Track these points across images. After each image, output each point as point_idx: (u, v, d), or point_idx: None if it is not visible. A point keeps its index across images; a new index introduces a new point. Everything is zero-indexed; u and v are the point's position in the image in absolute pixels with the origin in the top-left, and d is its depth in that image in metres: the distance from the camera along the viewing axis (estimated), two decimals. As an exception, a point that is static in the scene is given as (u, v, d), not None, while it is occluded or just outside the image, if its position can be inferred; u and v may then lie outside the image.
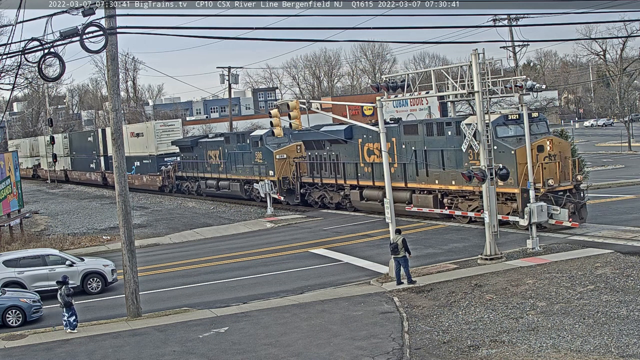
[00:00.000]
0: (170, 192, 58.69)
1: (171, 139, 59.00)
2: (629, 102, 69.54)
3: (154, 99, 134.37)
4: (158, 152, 59.56)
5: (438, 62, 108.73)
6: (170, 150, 58.73)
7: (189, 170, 55.24)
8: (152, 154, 60.30)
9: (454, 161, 31.18)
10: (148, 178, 60.72)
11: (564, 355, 15.10)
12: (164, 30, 20.26)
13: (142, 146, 61.88)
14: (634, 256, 22.92)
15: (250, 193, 47.15)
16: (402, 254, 22.42)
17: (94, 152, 73.12)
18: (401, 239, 22.54)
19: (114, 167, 22.22)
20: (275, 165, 43.29)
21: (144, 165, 62.01)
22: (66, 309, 20.35)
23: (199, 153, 53.05)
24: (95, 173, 73.52)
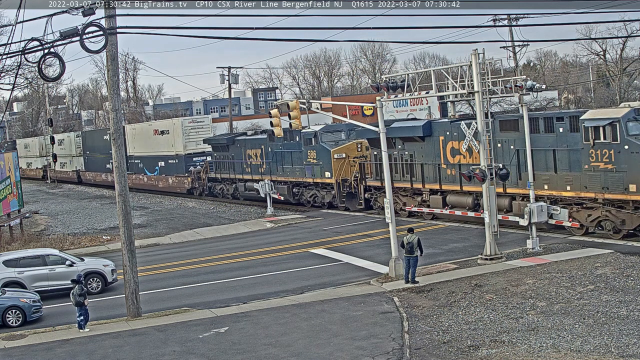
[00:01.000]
0: (200, 195, 53.81)
1: (201, 137, 54.10)
2: (629, 102, 69.28)
3: (154, 99, 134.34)
4: (186, 151, 54.53)
5: (438, 62, 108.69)
6: (200, 149, 54.12)
7: (224, 171, 50.25)
8: (179, 153, 55.19)
9: (567, 163, 27.01)
10: (174, 180, 55.96)
11: (564, 355, 15.10)
12: (164, 30, 20.29)
13: (167, 145, 56.71)
14: (634, 256, 22.92)
15: (300, 197, 42.99)
16: (416, 253, 22.39)
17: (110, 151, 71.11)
18: (416, 239, 22.48)
19: (113, 167, 22.24)
20: (332, 165, 38.69)
21: (169, 165, 57.12)
22: (78, 308, 20.43)
23: (236, 152, 48.33)
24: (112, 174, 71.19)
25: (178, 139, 55.25)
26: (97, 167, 72.32)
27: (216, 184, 51.72)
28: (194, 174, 53.38)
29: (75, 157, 78.31)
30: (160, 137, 58.02)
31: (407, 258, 22.50)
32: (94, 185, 74.02)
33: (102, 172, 71.16)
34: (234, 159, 48.71)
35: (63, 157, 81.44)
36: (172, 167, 56.56)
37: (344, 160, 39.03)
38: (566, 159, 27.07)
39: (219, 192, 51.56)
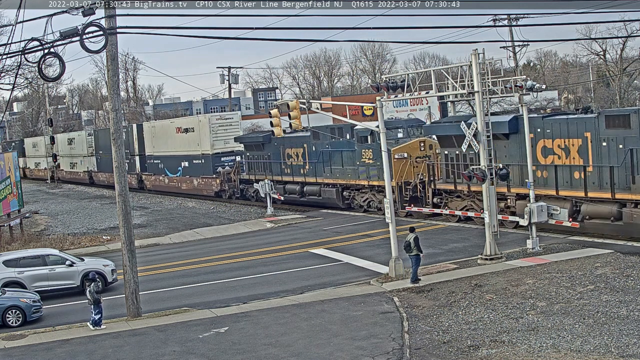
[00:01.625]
0: (229, 198, 49.53)
1: (229, 135, 50.09)
2: (629, 102, 69.47)
3: (154, 99, 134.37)
4: (214, 151, 50.16)
5: (438, 62, 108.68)
6: (228, 148, 50.12)
7: (259, 172, 46.23)
8: (205, 153, 50.94)
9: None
10: (200, 181, 51.72)
11: (564, 355, 15.10)
12: (164, 30, 20.29)
13: (192, 144, 52.41)
14: (634, 256, 22.91)
15: (352, 201, 39.13)
16: (414, 252, 22.49)
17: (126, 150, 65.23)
18: (413, 237, 22.62)
19: (113, 167, 22.24)
20: (393, 166, 33.79)
21: (194, 166, 52.86)
22: (94, 305, 20.48)
23: (273, 151, 44.60)
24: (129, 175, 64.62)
25: (205, 137, 50.84)
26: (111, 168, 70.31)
27: (249, 186, 47.37)
28: (222, 175, 49.29)
29: (86, 157, 74.74)
30: (183, 136, 54.01)
31: (409, 257, 22.68)
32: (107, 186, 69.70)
33: None
34: (270, 158, 45.06)
35: (73, 157, 78.24)
36: (197, 168, 52.41)
37: (405, 160, 34.90)
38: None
39: (252, 195, 47.18)
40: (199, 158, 51.97)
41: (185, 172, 54.29)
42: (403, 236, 29.02)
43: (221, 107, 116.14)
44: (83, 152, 74.73)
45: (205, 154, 51.01)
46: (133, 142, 62.33)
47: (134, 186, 62.27)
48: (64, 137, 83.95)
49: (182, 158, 54.28)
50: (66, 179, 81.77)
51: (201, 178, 51.51)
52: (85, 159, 74.58)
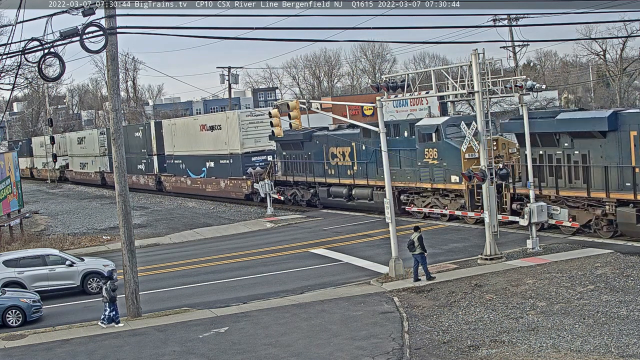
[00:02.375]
0: (262, 201, 45.13)
1: (260, 133, 46.03)
2: (629, 102, 69.49)
3: (154, 99, 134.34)
4: (244, 150, 46.39)
5: (438, 62, 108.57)
6: (258, 147, 46.57)
7: (298, 173, 42.58)
8: (234, 152, 47.18)
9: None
10: (228, 183, 47.86)
11: (564, 355, 15.10)
12: (164, 30, 20.27)
13: (219, 142, 48.52)
14: (634, 256, 22.92)
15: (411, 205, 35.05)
16: (418, 250, 22.59)
17: (143, 150, 60.75)
18: (417, 236, 22.71)
19: (114, 167, 22.22)
20: (463, 167, 30.24)
21: (221, 166, 49.10)
22: (109, 303, 20.56)
23: (315, 150, 40.98)
24: (146, 176, 60.99)
25: (234, 136, 46.90)
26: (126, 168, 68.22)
27: (286, 188, 44.17)
28: (254, 176, 45.23)
29: (98, 157, 70.77)
30: (209, 134, 50.05)
31: (414, 257, 22.77)
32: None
33: (132, 173, 62.47)
34: (311, 158, 41.37)
35: (84, 157, 74.59)
36: (224, 169, 48.63)
37: (477, 161, 30.08)
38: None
39: (289, 198, 44.22)
40: (226, 158, 48.26)
41: (210, 173, 50.59)
42: (403, 236, 29.11)
43: (221, 107, 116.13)
44: (95, 152, 71.00)
45: (234, 154, 47.29)
46: (151, 141, 59.07)
47: (152, 188, 60.39)
48: (73, 136, 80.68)
49: (207, 158, 50.51)
50: (76, 180, 78.25)
51: (229, 179, 47.90)
52: (97, 159, 70.83)
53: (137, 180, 61.93)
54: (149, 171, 59.99)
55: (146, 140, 59.53)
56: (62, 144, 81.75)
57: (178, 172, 55.41)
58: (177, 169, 55.54)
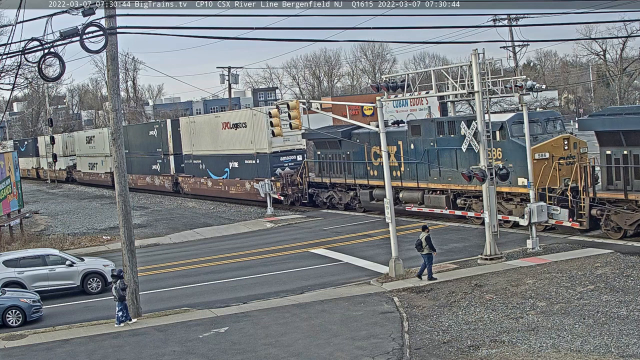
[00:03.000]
0: (292, 204, 43.02)
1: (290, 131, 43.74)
2: (629, 102, 69.50)
3: (154, 99, 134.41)
4: (272, 149, 43.37)
5: (438, 62, 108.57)
6: (288, 146, 43.54)
7: (335, 175, 39.59)
8: (261, 152, 44.07)
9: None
10: (255, 185, 43.91)
11: (564, 355, 15.11)
12: (163, 30, 20.27)
13: (243, 141, 45.12)
14: (634, 256, 22.92)
15: (469, 210, 31.76)
16: (426, 250, 22.66)
17: (158, 149, 58.02)
18: (425, 236, 22.79)
19: (113, 167, 22.18)
20: (532, 169, 26.96)
21: (245, 167, 46.02)
22: (119, 302, 20.63)
23: (354, 149, 38.09)
24: (162, 177, 57.96)
25: (260, 134, 43.52)
26: (139, 169, 61.82)
27: (321, 190, 41.15)
28: (284, 177, 42.62)
29: (108, 156, 65.70)
30: (232, 132, 47.05)
31: (421, 256, 22.86)
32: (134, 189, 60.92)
33: (146, 174, 60.45)
34: (350, 158, 38.51)
35: (93, 157, 71.42)
36: (249, 169, 45.48)
37: (546, 162, 28.21)
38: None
39: (325, 201, 41.17)
40: (252, 158, 45.19)
41: (233, 174, 47.42)
42: (403, 236, 29.12)
43: (221, 107, 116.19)
44: (105, 152, 66.89)
45: (261, 153, 44.17)
46: (167, 140, 56.30)
47: (168, 189, 57.49)
48: (81, 136, 77.64)
49: (230, 158, 47.59)
50: (84, 181, 74.74)
51: (255, 181, 44.20)
52: (108, 159, 66.39)
53: (152, 181, 59.48)
54: (165, 172, 57.27)
55: (162, 139, 56.93)
56: (69, 144, 79.32)
57: (197, 173, 52.52)
58: (196, 169, 52.70)
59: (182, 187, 55.09)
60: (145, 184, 61.00)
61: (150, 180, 59.40)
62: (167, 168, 56.87)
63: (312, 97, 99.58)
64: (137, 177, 62.10)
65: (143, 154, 60.41)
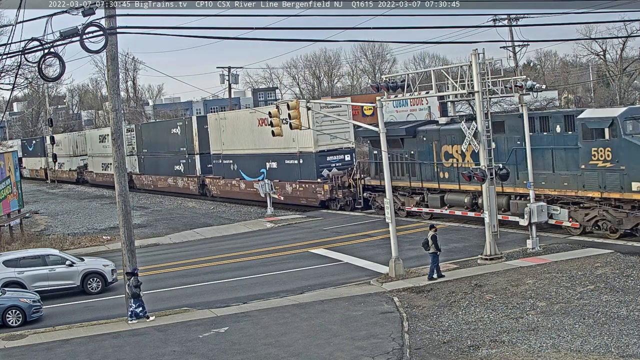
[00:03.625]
0: (342, 209, 39.30)
1: (337, 128, 39.11)
2: (629, 102, 69.49)
3: (154, 99, 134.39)
4: (318, 148, 39.73)
5: (438, 62, 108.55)
6: (335, 145, 40.02)
7: (397, 177, 34.45)
8: (305, 151, 40.48)
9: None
10: (297, 187, 41.19)
11: (564, 355, 15.11)
12: (163, 30, 20.27)
13: (284, 139, 37.81)
14: (634, 256, 22.93)
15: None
16: (432, 250, 22.74)
17: (182, 148, 54.46)
18: (431, 235, 22.88)
19: (113, 167, 22.17)
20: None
21: (286, 167, 42.43)
22: (133, 299, 20.73)
23: (420, 148, 33.97)
24: (186, 178, 54.28)
25: (305, 131, 37.65)
26: (160, 169, 58.53)
27: (378, 194, 36.40)
28: (333, 179, 39.16)
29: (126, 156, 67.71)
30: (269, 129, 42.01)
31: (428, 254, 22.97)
32: (154, 191, 60.33)
33: (168, 175, 56.63)
34: (415, 158, 34.44)
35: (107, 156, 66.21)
36: (290, 170, 41.94)
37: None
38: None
39: (381, 206, 34.38)
40: (293, 157, 41.35)
41: (271, 175, 43.54)
42: (403, 236, 29.15)
43: (221, 107, 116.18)
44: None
45: (305, 153, 40.44)
46: (192, 139, 52.74)
47: (194, 192, 53.57)
48: (94, 134, 72.97)
49: (267, 157, 43.80)
50: (97, 183, 70.91)
51: (298, 183, 41.23)
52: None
53: (174, 183, 55.65)
54: (190, 173, 53.49)
55: (186, 137, 53.31)
56: (80, 143, 76.33)
57: (228, 174, 48.52)
58: (227, 170, 48.71)
59: (210, 189, 51.28)
60: (166, 185, 57.63)
61: (173, 182, 55.87)
62: (193, 169, 53.21)
63: (312, 97, 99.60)
64: (157, 179, 59.12)
65: (164, 153, 57.06)
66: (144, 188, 61.96)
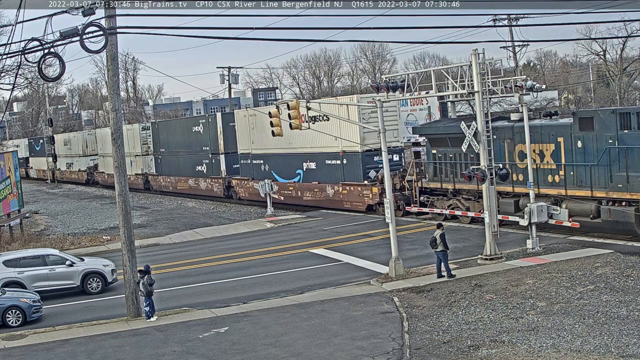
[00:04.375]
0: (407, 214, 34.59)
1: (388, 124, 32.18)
2: (629, 102, 69.50)
3: (154, 99, 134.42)
4: (365, 147, 36.13)
5: (438, 62, 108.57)
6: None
7: (460, 179, 31.05)
8: (350, 150, 36.94)
9: None
10: (341, 190, 38.01)
11: (564, 355, 15.11)
12: (164, 30, 20.27)
13: (324, 137, 34.92)
14: (634, 256, 22.93)
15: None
16: (440, 248, 22.69)
17: (205, 147, 50.91)
18: (439, 234, 22.83)
19: (113, 167, 22.17)
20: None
21: (326, 168, 39.30)
22: (146, 297, 20.78)
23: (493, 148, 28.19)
24: (210, 180, 50.76)
25: (349, 129, 35.94)
26: (179, 170, 55.06)
27: (437, 198, 33.04)
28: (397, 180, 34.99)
29: (139, 156, 60.60)
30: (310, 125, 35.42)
31: (436, 253, 22.94)
32: (172, 193, 57.03)
33: (188, 176, 53.08)
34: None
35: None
36: (331, 171, 38.66)
37: None
38: None
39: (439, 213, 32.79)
40: (335, 157, 37.98)
41: (308, 176, 40.45)
42: (403, 236, 29.16)
43: (221, 107, 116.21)
44: (134, 151, 60.45)
45: (350, 152, 37.21)
46: (216, 137, 49.23)
47: (218, 194, 50.17)
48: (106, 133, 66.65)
49: (304, 157, 40.60)
50: (108, 184, 65.07)
51: (341, 185, 37.98)
52: (138, 159, 60.37)
53: (196, 184, 52.25)
54: (214, 174, 50.14)
55: (210, 135, 49.78)
56: (90, 142, 72.97)
57: (258, 175, 45.06)
58: (257, 171, 45.40)
59: (237, 191, 47.84)
60: (187, 187, 54.30)
61: (194, 183, 52.42)
62: (217, 169, 49.73)
63: (312, 97, 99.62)
64: (177, 180, 55.79)
65: (184, 153, 53.60)
66: (162, 190, 58.84)
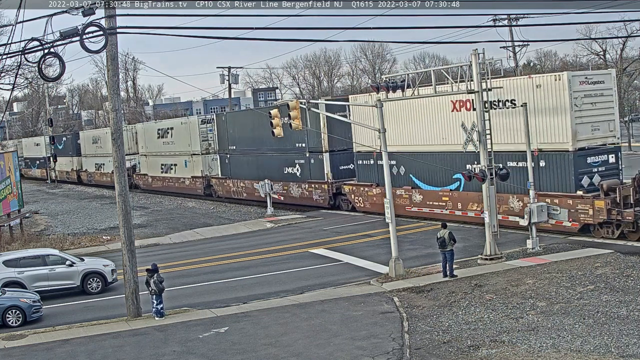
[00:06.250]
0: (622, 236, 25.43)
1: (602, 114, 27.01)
2: (629, 102, 69.58)
3: (154, 99, 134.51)
4: (577, 145, 26.43)
5: (438, 62, 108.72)
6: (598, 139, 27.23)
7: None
8: (549, 149, 27.15)
9: None
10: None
11: (564, 355, 15.11)
12: (163, 30, 20.27)
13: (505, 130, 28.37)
14: (634, 256, 22.93)
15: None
16: (449, 247, 22.71)
17: (298, 144, 40.99)
18: (448, 233, 22.82)
19: (114, 167, 22.17)
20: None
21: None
22: (156, 296, 20.87)
23: None
24: (306, 185, 40.82)
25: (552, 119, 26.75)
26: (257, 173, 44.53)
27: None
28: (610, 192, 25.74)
29: (197, 155, 51.14)
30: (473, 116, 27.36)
31: (442, 253, 22.89)
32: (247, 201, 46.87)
33: (275, 180, 42.36)
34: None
35: (170, 156, 54.49)
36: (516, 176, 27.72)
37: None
38: None
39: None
40: (523, 158, 27.32)
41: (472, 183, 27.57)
42: (403, 236, 29.14)
43: (221, 107, 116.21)
44: (189, 149, 51.59)
45: (550, 151, 27.31)
46: (318, 132, 38.36)
47: (321, 204, 40.27)
48: (148, 127, 59.60)
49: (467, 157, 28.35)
50: (153, 189, 57.79)
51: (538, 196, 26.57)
52: (196, 159, 51.05)
53: (286, 190, 42.55)
54: (312, 177, 40.40)
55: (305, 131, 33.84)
56: (127, 139, 58.65)
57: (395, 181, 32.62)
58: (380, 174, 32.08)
59: (353, 199, 37.77)
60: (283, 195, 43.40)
61: (283, 189, 42.61)
62: (318, 172, 39.87)
63: (312, 97, 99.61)
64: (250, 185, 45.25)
65: (266, 152, 44.09)
66: (231, 197, 48.52)
